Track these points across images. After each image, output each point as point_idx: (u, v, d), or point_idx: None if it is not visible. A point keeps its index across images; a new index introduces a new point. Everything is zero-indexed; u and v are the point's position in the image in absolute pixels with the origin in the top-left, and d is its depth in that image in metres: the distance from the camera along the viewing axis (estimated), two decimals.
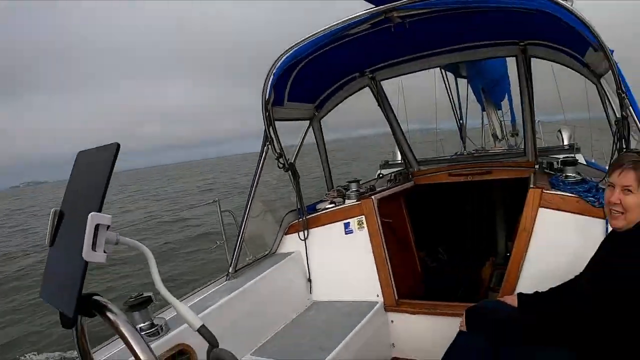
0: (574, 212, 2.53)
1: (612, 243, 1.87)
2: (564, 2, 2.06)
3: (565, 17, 2.06)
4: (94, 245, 0.73)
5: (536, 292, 2.04)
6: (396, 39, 2.74)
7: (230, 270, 2.74)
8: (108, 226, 0.75)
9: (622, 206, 1.71)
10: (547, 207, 2.60)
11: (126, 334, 0.76)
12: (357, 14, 2.33)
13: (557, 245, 2.37)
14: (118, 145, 0.80)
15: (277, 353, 2.38)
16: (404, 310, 2.96)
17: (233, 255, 2.78)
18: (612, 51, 2.17)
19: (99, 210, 0.75)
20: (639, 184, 1.69)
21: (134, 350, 0.75)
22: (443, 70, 6.07)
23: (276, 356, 2.34)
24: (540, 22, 2.38)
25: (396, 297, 2.99)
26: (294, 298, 3.03)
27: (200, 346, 1.93)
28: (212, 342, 0.97)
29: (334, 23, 2.38)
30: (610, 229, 1.91)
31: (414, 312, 2.93)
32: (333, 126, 4.10)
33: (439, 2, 2.29)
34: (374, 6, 2.33)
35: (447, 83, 6.82)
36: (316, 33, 2.43)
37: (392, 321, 2.99)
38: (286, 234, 3.25)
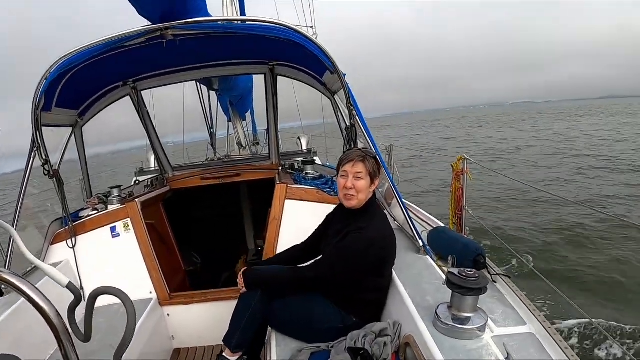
0: (315, 201, 3.16)
1: (346, 218, 2.32)
2: (307, 34, 2.53)
3: (308, 45, 2.52)
4: None
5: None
6: (162, 53, 2.92)
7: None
8: None
9: (356, 189, 2.18)
10: (292, 199, 3.20)
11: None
12: (136, 29, 2.48)
13: (302, 229, 2.70)
14: None
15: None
16: (177, 302, 3.20)
17: (6, 261, 2.57)
18: (345, 75, 2.67)
19: None
20: (367, 172, 2.18)
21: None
22: (198, 83, 6.44)
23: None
24: (287, 48, 2.76)
25: (169, 292, 3.21)
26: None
27: None
28: (78, 295, 1.13)
29: (113, 35, 2.47)
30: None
31: (187, 303, 3.20)
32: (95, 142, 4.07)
33: (209, 26, 2.59)
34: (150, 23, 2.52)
35: (201, 95, 7.21)
36: (95, 42, 2.47)
37: (168, 315, 3.21)
38: (52, 243, 3.11)
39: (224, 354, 2.34)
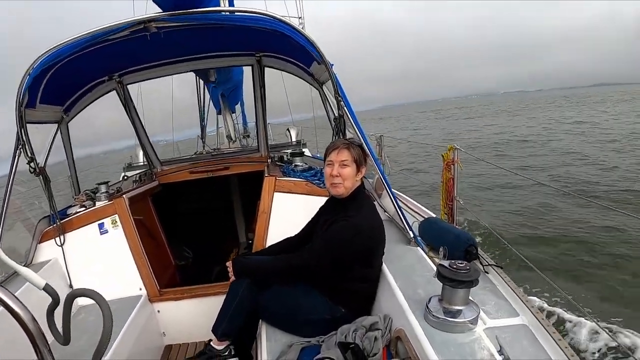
0: (304, 194, 3.13)
1: (334, 208, 2.33)
2: (294, 25, 2.50)
3: (294, 36, 2.49)
4: None
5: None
6: (148, 46, 2.89)
7: None
8: None
9: (341, 177, 2.18)
10: (281, 192, 3.16)
11: None
12: (119, 22, 2.43)
13: (292, 221, 2.70)
14: None
15: None
16: (167, 298, 3.18)
17: None
18: (332, 65, 2.61)
19: None
20: (352, 159, 2.19)
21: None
22: (196, 77, 6.36)
23: None
24: (274, 38, 2.77)
25: (158, 288, 3.18)
26: (59, 307, 2.88)
27: None
28: (55, 298, 1.11)
29: (96, 29, 2.43)
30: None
31: (177, 299, 3.18)
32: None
33: (193, 17, 2.52)
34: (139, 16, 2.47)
35: (198, 88, 7.14)
36: (77, 37, 2.43)
37: (158, 311, 3.18)
38: (40, 242, 3.06)
39: (211, 342, 2.34)
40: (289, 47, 2.91)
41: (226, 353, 2.33)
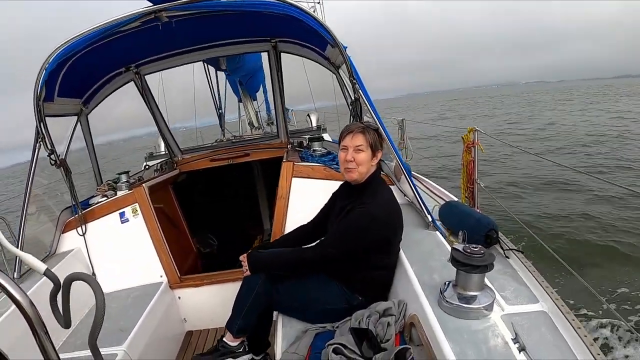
0: (322, 179, 3.11)
1: (349, 194, 2.28)
2: (305, 8, 2.47)
3: (306, 19, 2.47)
4: None
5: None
6: (162, 36, 2.89)
7: (15, 276, 2.57)
8: None
9: (356, 162, 2.12)
10: (299, 177, 3.15)
11: None
12: (130, 13, 2.46)
13: (310, 206, 2.66)
14: None
15: (81, 346, 2.38)
16: (188, 285, 3.22)
17: (15, 262, 2.60)
18: (346, 47, 2.58)
19: None
20: (367, 144, 2.12)
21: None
22: (206, 64, 6.40)
23: (80, 348, 2.35)
24: (288, 23, 2.73)
25: (179, 275, 3.22)
26: (81, 296, 2.97)
27: None
28: (56, 282, 1.11)
29: (108, 20, 2.46)
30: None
31: (198, 285, 3.22)
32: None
33: (203, 5, 2.51)
34: (149, 4, 2.47)
35: (209, 76, 7.17)
36: (90, 29, 2.46)
37: (179, 297, 3.23)
38: (63, 232, 3.14)
39: (224, 338, 2.33)
40: (303, 31, 2.88)
41: (240, 349, 2.33)
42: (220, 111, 7.81)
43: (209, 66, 6.68)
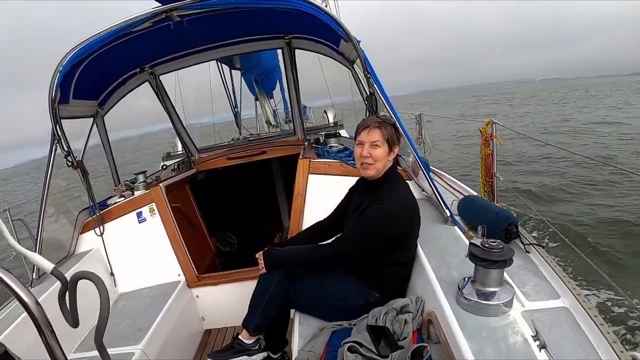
0: (339, 175, 3.09)
1: (366, 190, 2.24)
2: (317, 3, 2.46)
3: (318, 14, 2.46)
4: None
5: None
6: (175, 36, 2.90)
7: (34, 277, 2.63)
8: None
9: (372, 158, 2.08)
10: (315, 173, 3.14)
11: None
12: (141, 13, 2.49)
13: (327, 203, 2.65)
14: None
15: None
16: (205, 283, 3.24)
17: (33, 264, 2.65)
18: (359, 41, 2.58)
19: None
20: (384, 139, 2.08)
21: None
22: (219, 63, 6.42)
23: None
24: (300, 19, 2.75)
25: (196, 273, 3.25)
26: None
27: None
28: (64, 281, 1.11)
29: (119, 21, 2.49)
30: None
31: (216, 284, 3.24)
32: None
33: (213, 3, 2.53)
34: (159, 5, 2.49)
35: (222, 75, 7.18)
36: (102, 31, 2.49)
37: (197, 296, 3.26)
38: (82, 233, 3.20)
39: (240, 336, 2.33)
40: (316, 26, 2.88)
41: (256, 347, 2.33)
42: (236, 110, 7.82)
43: (223, 65, 6.69)
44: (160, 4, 2.50)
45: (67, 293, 1.13)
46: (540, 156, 12.76)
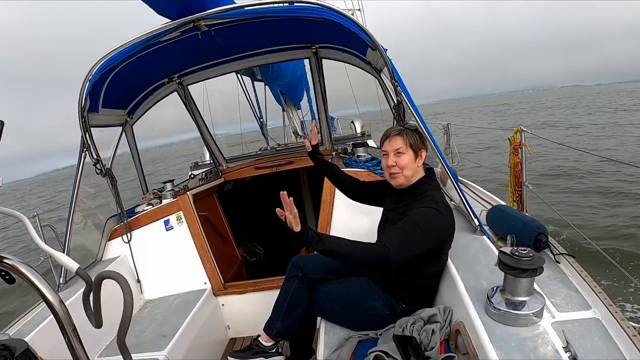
0: None
1: (398, 201, 2.19)
2: (343, 11, 2.47)
3: (344, 22, 2.48)
4: None
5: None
6: (203, 46, 2.98)
7: (60, 281, 2.72)
8: None
9: (398, 167, 2.06)
10: None
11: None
12: (169, 23, 2.55)
13: (355, 213, 2.71)
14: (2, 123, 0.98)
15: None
16: (231, 292, 3.29)
17: (61, 268, 2.74)
18: (386, 50, 2.58)
19: None
20: (407, 146, 2.05)
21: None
22: (239, 75, 6.39)
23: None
24: (327, 29, 2.76)
25: (223, 282, 3.30)
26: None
27: None
28: (88, 281, 1.15)
29: (148, 31, 2.56)
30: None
31: (241, 292, 3.28)
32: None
33: (240, 12, 2.57)
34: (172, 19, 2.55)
35: (244, 86, 7.24)
36: (130, 40, 2.57)
37: (222, 304, 3.30)
38: (109, 239, 3.29)
39: (259, 338, 2.38)
40: (342, 35, 2.88)
41: (273, 350, 2.37)
42: (261, 120, 7.90)
43: (243, 77, 6.75)
44: (170, 19, 2.55)
45: (92, 294, 1.16)
46: (572, 168, 12.44)
